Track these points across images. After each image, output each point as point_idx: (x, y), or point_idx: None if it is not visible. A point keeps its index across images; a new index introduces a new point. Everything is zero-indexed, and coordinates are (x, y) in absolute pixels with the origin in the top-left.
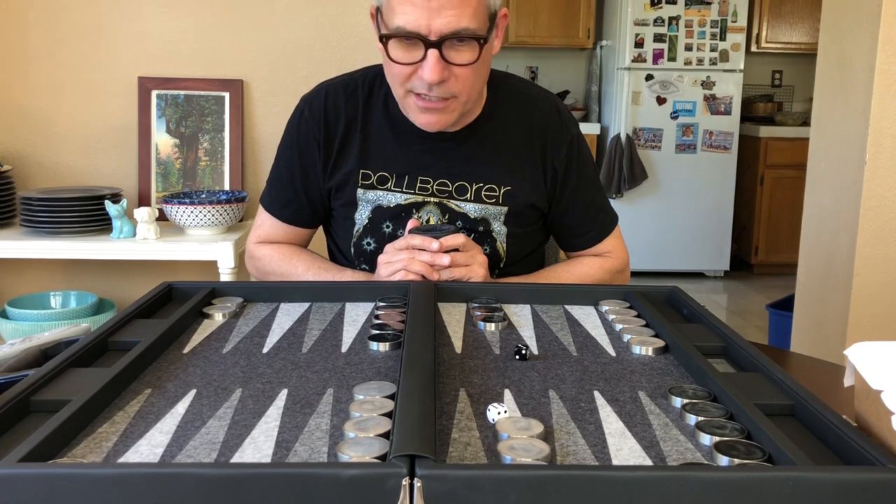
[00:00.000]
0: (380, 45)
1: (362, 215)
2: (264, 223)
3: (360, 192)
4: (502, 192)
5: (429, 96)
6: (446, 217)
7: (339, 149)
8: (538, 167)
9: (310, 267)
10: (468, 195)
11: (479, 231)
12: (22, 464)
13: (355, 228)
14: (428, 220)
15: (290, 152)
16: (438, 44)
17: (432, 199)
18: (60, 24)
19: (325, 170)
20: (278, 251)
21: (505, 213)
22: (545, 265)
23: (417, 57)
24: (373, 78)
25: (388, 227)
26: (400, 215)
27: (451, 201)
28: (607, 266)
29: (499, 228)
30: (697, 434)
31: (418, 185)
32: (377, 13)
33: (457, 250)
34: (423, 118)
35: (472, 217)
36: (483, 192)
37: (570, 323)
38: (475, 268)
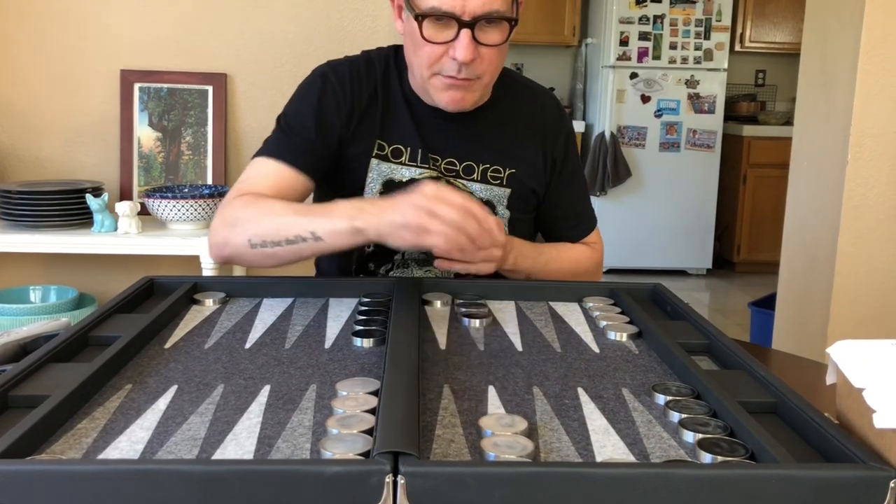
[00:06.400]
0: (407, 25)
1: (372, 189)
2: (252, 177)
3: (373, 162)
4: (507, 174)
5: (456, 77)
6: None
7: (359, 119)
8: (539, 154)
9: (289, 206)
10: (475, 175)
11: None
12: None
13: None
14: None
15: (307, 110)
16: (472, 24)
17: (441, 178)
18: (41, 14)
19: (342, 137)
20: (256, 197)
21: (508, 195)
22: None
23: (449, 37)
24: (386, 56)
25: None
26: None
27: (459, 180)
28: (595, 258)
29: (502, 212)
30: (681, 431)
31: (429, 161)
32: None
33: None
34: (447, 96)
35: (478, 198)
36: (489, 173)
37: (554, 320)
38: (485, 264)
